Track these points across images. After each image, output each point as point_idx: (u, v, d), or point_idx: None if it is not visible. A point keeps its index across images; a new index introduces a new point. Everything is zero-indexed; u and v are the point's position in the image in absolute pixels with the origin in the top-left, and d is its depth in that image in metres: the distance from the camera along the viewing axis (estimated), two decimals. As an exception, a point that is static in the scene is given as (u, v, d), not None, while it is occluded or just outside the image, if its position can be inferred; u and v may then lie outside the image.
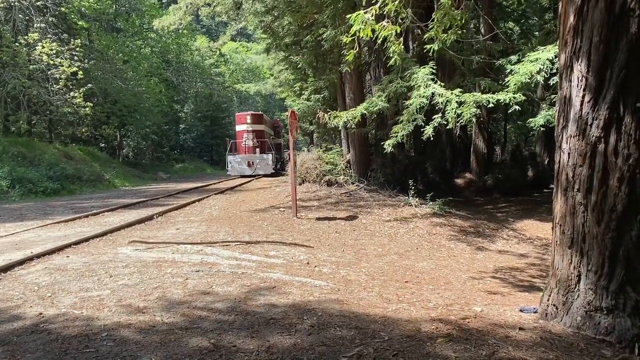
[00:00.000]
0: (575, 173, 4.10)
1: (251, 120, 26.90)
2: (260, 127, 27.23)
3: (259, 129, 27.03)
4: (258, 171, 25.24)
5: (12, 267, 5.31)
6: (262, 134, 27.19)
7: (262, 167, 25.37)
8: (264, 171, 25.32)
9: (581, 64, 4.03)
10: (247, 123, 26.71)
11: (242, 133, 26.68)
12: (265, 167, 25.35)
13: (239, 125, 27.29)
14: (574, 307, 4.10)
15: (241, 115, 27.98)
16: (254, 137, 26.35)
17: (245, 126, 26.73)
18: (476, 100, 9.54)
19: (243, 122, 27.00)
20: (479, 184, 17.91)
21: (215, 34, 56.49)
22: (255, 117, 27.62)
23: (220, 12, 23.29)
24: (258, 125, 27.03)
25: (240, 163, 25.69)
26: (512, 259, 8.64)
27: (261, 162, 25.48)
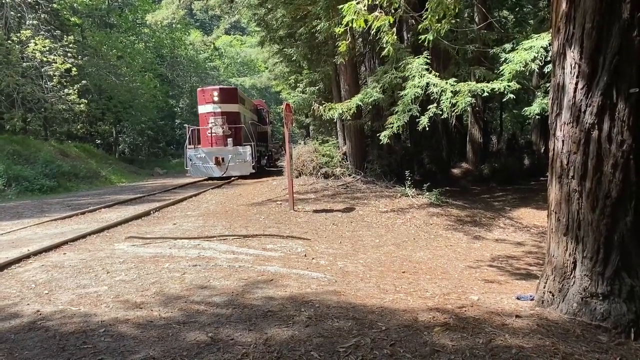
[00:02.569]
0: (569, 160, 4.10)
1: (220, 98, 19.43)
2: (234, 108, 19.92)
3: (232, 111, 19.81)
4: (231, 171, 18.85)
5: (8, 265, 5.31)
6: (237, 117, 19.97)
7: (237, 165, 18.83)
8: (239, 171, 18.94)
9: (574, 50, 4.03)
10: (213, 102, 19.38)
11: (208, 117, 19.48)
12: (242, 166, 18.86)
13: (202, 106, 19.88)
14: (570, 293, 4.12)
15: (205, 92, 20.03)
16: (225, 122, 19.29)
17: (211, 107, 19.39)
18: (471, 89, 9.53)
19: (208, 101, 19.56)
20: (476, 173, 17.96)
21: (209, 28, 56.22)
22: (226, 93, 19.94)
23: (214, 6, 23.23)
24: (230, 106, 19.73)
25: (204, 160, 18.90)
26: (508, 247, 8.67)
27: (235, 158, 18.82)
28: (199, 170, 19.07)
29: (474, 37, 13.85)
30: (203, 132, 19.85)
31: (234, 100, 20.15)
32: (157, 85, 37.96)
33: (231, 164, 18.81)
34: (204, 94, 19.94)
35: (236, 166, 18.87)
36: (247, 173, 19.04)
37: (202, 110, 19.95)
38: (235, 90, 21.06)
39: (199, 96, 20.20)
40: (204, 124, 19.63)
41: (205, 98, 19.80)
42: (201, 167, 19.00)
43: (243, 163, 18.92)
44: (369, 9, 7.55)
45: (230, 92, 20.47)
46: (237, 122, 19.90)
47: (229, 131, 19.42)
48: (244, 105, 21.90)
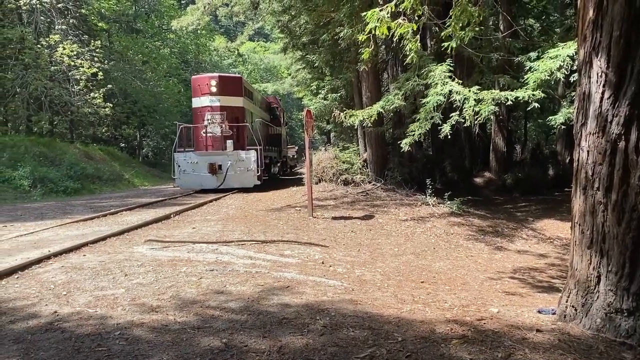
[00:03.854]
0: (594, 171, 4.00)
1: (219, 89, 15.72)
2: (237, 102, 16.20)
3: (235, 106, 16.09)
4: (230, 182, 15.28)
5: (29, 265, 5.37)
6: (241, 114, 16.27)
7: (238, 174, 15.28)
8: (240, 182, 15.34)
9: (601, 59, 3.93)
10: (210, 93, 15.69)
11: (203, 112, 15.79)
12: (243, 176, 15.27)
13: (197, 99, 16.16)
14: (594, 308, 4.00)
15: (201, 80, 16.30)
16: (224, 119, 15.66)
17: (208, 99, 15.77)
18: (494, 97, 9.41)
19: (205, 92, 15.86)
20: (499, 183, 17.71)
21: (234, 34, 56.77)
22: (227, 83, 16.09)
23: (238, 12, 23.43)
24: (232, 99, 16.03)
25: (196, 167, 15.38)
26: (531, 259, 8.50)
27: (236, 165, 15.26)
28: (190, 180, 15.53)
29: (499, 45, 13.71)
30: (197, 131, 16.03)
31: (238, 92, 16.21)
32: (181, 90, 38.41)
33: (230, 172, 15.18)
34: (199, 84, 16.05)
35: (236, 176, 15.27)
36: (251, 185, 15.25)
37: (197, 104, 16.06)
38: (239, 79, 16.88)
39: (193, 86, 16.36)
40: (199, 122, 15.84)
41: (200, 88, 15.94)
42: (191, 176, 15.44)
43: (245, 172, 15.19)
44: (392, 16, 7.52)
45: (232, 82, 16.43)
46: (241, 119, 16.09)
47: (229, 131, 15.62)
48: (250, 99, 17.91)
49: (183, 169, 15.52)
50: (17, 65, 23.06)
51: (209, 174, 15.30)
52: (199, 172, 15.37)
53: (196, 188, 15.89)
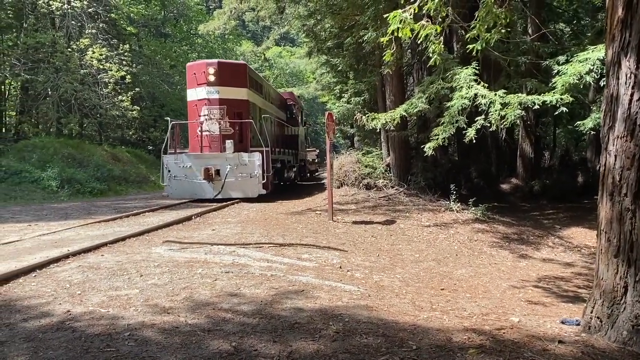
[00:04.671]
0: (622, 176, 3.83)
1: (218, 78, 13.49)
2: (240, 95, 13.91)
3: (237, 99, 13.83)
4: (229, 190, 13.15)
5: (47, 264, 5.41)
6: (244, 108, 13.92)
7: (239, 182, 13.12)
8: (241, 191, 13.24)
9: (630, 59, 3.77)
10: (208, 83, 13.51)
11: (199, 106, 13.71)
12: (246, 183, 13.13)
13: (192, 90, 13.98)
14: (620, 320, 3.82)
15: (197, 68, 14.03)
16: (224, 114, 13.52)
17: (204, 91, 13.61)
18: (520, 101, 9.20)
19: (201, 82, 13.67)
20: (526, 189, 17.33)
21: (261, 38, 57.19)
22: (227, 71, 13.87)
23: (264, 17, 23.58)
24: (234, 91, 13.77)
25: (189, 172, 13.23)
26: (557, 267, 8.25)
27: (237, 170, 13.07)
28: (181, 188, 13.35)
29: (527, 48, 13.44)
30: (192, 129, 14.03)
31: (241, 82, 13.89)
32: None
33: (230, 179, 12.95)
34: (195, 72, 13.73)
35: (237, 183, 13.05)
36: (254, 194, 13.08)
37: (192, 97, 13.90)
38: (243, 67, 14.45)
39: (188, 75, 14.08)
40: (194, 117, 13.80)
41: (196, 78, 13.63)
42: (183, 183, 13.26)
43: (248, 179, 13.03)
44: (415, 18, 7.40)
45: (234, 70, 14.12)
46: (245, 115, 13.74)
47: (229, 129, 13.48)
48: (258, 92, 15.41)
49: (174, 174, 13.37)
50: (48, 68, 23.59)
51: (204, 181, 13.11)
52: (193, 178, 13.18)
53: (189, 197, 13.46)
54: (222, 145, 13.29)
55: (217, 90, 13.51)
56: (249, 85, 14.29)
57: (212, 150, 13.49)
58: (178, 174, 13.37)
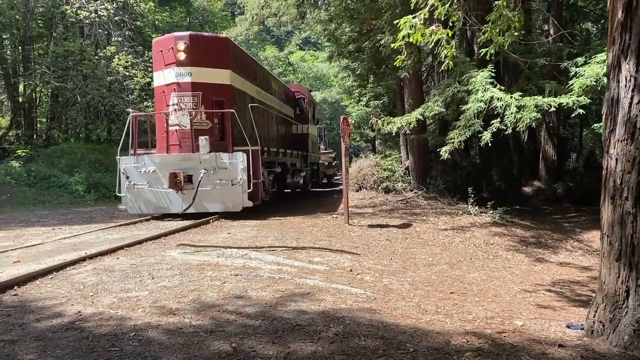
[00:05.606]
0: (623, 180, 3.82)
1: (190, 56, 10.72)
2: (220, 78, 11.10)
3: (216, 83, 11.01)
4: (204, 202, 10.36)
5: (64, 266, 5.61)
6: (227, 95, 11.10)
7: (217, 190, 10.35)
8: (220, 202, 10.42)
9: (629, 62, 3.76)
10: (177, 63, 10.74)
11: (167, 93, 10.96)
12: (225, 193, 10.37)
13: (160, 73, 11.18)
14: (622, 324, 3.80)
15: (164, 43, 11.12)
16: (198, 103, 10.76)
17: (173, 73, 10.82)
18: (537, 104, 9.13)
19: (169, 63, 10.89)
20: (548, 192, 17.07)
21: (284, 43, 57.53)
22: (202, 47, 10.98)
23: (286, 22, 23.81)
24: (212, 72, 10.99)
25: (152, 180, 10.51)
26: (573, 271, 8.15)
27: (214, 175, 10.34)
28: (142, 199, 10.50)
29: (548, 50, 13.30)
30: (159, 123, 11.28)
31: (222, 63, 10.94)
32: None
33: (205, 187, 10.11)
34: (162, 49, 10.87)
35: (215, 193, 10.23)
36: (237, 208, 10.31)
37: (159, 81, 11.08)
38: (224, 42, 11.39)
39: (154, 55, 11.24)
40: (161, 107, 11.05)
41: (163, 57, 10.81)
42: (142, 194, 10.45)
43: (228, 188, 10.22)
44: (425, 23, 7.43)
45: (212, 46, 11.09)
46: (227, 104, 10.81)
47: (205, 122, 10.71)
48: (249, 77, 12.37)
49: (133, 181, 10.49)
50: (77, 76, 24.22)
51: (171, 190, 10.20)
52: (158, 186, 10.36)
53: (152, 212, 10.69)
54: (194, 143, 10.36)
55: (189, 72, 10.61)
56: (234, 67, 11.28)
57: (182, 150, 10.64)
58: (138, 182, 10.48)
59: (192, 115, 10.50)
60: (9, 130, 25.38)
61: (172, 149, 10.82)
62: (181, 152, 10.63)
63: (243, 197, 10.29)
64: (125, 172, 10.63)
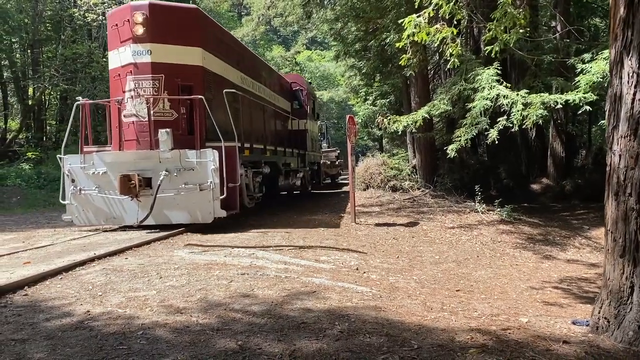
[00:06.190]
0: (626, 176, 3.83)
1: (150, 31, 8.69)
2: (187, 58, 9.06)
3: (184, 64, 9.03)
4: (165, 211, 8.63)
5: (74, 267, 5.68)
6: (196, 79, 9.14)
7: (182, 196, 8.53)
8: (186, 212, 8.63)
9: (632, 59, 3.77)
10: (135, 39, 8.72)
11: (123, 76, 8.99)
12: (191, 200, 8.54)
13: (114, 53, 9.23)
14: (626, 320, 3.80)
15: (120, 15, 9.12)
16: (160, 88, 8.84)
17: (130, 51, 8.82)
18: (543, 101, 9.11)
19: (125, 39, 8.90)
20: (557, 189, 17.01)
21: (291, 43, 57.64)
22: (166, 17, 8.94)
23: (292, 22, 23.87)
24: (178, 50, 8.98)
25: (102, 183, 8.74)
26: (581, 268, 8.13)
27: (178, 178, 8.50)
28: (90, 208, 8.81)
29: (555, 46, 13.26)
30: (113, 114, 9.51)
31: (191, 39, 9.06)
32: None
33: (167, 193, 8.46)
34: (117, 23, 9.05)
35: (178, 200, 8.53)
36: (207, 219, 8.59)
37: (114, 63, 9.27)
38: (194, 13, 9.38)
39: (109, 28, 9.42)
40: (117, 94, 9.18)
41: (119, 32, 8.99)
42: (96, 200, 8.76)
43: (196, 193, 8.48)
44: (430, 22, 7.45)
45: (180, 18, 9.13)
46: (197, 90, 8.95)
47: (169, 112, 8.93)
48: (229, 58, 10.34)
49: (79, 185, 8.78)
50: (85, 78, 24.41)
51: (125, 197, 8.47)
52: (109, 192, 8.67)
53: (103, 223, 9.12)
54: (153, 138, 8.60)
55: (149, 50, 8.67)
56: (207, 44, 9.33)
57: (139, 147, 8.84)
58: (86, 186, 8.76)
59: (149, 102, 8.62)
60: (19, 133, 25.64)
61: (128, 146, 9.00)
62: (139, 149, 8.83)
63: (214, 205, 8.47)
64: (70, 175, 8.80)
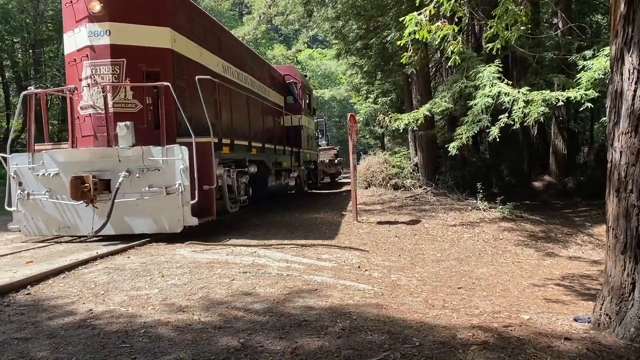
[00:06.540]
0: (627, 173, 3.82)
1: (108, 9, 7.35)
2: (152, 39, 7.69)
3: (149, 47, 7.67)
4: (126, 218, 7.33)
5: (76, 266, 5.70)
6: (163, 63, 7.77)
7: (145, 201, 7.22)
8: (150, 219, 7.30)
9: (632, 55, 3.76)
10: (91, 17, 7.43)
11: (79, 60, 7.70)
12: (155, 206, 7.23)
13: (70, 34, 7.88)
14: (628, 317, 3.80)
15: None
16: (121, 74, 7.48)
17: (85, 31, 7.48)
18: (544, 98, 9.10)
19: (81, 18, 7.58)
20: (559, 186, 16.98)
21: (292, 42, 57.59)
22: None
23: (293, 20, 23.84)
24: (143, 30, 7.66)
25: (54, 187, 7.44)
26: (583, 265, 8.13)
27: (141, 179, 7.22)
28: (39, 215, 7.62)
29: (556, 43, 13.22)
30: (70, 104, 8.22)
31: (157, 17, 7.84)
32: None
33: (128, 198, 7.28)
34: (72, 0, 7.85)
35: (143, 205, 7.33)
36: (175, 228, 7.36)
37: (70, 47, 8.01)
38: None
39: (63, 7, 8.18)
40: (74, 83, 7.95)
41: (74, 11, 7.81)
42: (47, 207, 7.57)
43: (162, 198, 7.28)
44: (431, 19, 7.43)
45: None
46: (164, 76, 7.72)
47: (132, 103, 7.67)
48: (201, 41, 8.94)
49: (27, 189, 7.60)
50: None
51: (80, 203, 7.24)
52: (61, 196, 7.42)
53: (56, 233, 7.79)
54: (110, 134, 7.38)
55: (107, 31, 7.40)
56: (177, 25, 8.07)
57: (97, 144, 7.55)
58: (35, 190, 7.58)
59: (105, 90, 7.31)
60: (22, 133, 25.71)
61: (85, 142, 7.74)
62: (96, 146, 7.51)
63: (184, 212, 7.20)
64: (17, 177, 7.59)
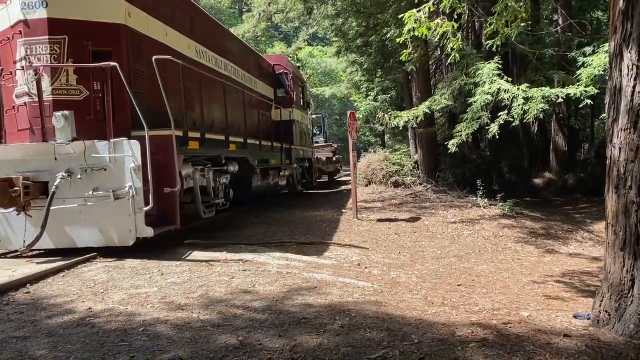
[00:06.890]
0: (626, 169, 3.82)
1: None
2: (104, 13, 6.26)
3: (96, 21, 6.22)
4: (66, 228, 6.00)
5: (75, 264, 5.69)
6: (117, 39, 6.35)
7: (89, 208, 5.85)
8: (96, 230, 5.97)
9: (631, 51, 3.75)
10: None
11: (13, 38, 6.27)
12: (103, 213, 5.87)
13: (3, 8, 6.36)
14: (627, 313, 3.80)
15: None
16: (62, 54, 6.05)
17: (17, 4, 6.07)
18: (544, 95, 9.08)
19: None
20: (559, 183, 16.96)
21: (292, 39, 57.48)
22: None
23: (293, 18, 23.80)
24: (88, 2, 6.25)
25: None
26: (583, 262, 8.13)
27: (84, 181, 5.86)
28: None
29: (554, 40, 13.20)
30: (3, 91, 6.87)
31: None
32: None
33: (69, 204, 5.90)
34: None
35: (85, 213, 5.96)
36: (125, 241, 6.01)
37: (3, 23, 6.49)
38: None
39: None
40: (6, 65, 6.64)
41: None
42: None
43: (109, 204, 5.89)
44: (430, 16, 7.42)
45: None
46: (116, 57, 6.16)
47: (76, 88, 6.24)
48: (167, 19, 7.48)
49: None
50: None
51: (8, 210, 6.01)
52: None
53: None
54: (48, 123, 6.10)
55: (44, 2, 6.12)
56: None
57: (33, 138, 6.38)
58: None
59: (38, 72, 6.02)
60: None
61: (17, 137, 6.59)
62: (33, 140, 6.32)
63: (136, 220, 5.96)
64: None
